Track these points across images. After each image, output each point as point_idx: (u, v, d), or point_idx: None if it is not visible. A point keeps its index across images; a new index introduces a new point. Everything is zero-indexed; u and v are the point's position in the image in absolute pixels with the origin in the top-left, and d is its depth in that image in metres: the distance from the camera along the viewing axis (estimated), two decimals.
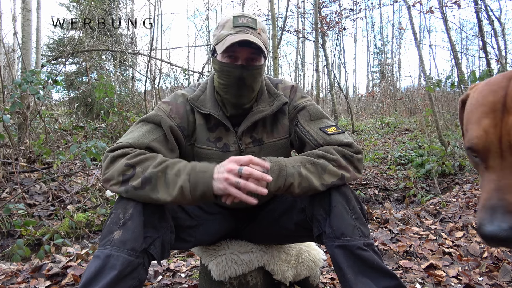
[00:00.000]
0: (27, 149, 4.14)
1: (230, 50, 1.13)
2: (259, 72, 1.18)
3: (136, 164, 1.01)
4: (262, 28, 1.18)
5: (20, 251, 2.16)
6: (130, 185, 0.99)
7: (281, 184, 1.02)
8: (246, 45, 1.11)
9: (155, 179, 0.98)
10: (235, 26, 1.14)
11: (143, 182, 0.98)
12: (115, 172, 1.01)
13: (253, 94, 1.21)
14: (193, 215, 1.25)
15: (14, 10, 8.94)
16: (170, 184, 0.98)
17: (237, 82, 1.16)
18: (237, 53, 1.14)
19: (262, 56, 1.16)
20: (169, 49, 16.83)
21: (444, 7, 5.96)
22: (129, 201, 1.00)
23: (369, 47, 22.17)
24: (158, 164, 1.01)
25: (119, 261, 0.91)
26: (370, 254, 1.00)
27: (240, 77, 1.15)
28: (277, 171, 1.02)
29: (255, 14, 8.25)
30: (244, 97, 1.19)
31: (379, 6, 16.76)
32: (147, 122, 1.17)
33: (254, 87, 1.19)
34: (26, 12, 4.78)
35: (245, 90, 1.17)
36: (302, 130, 1.20)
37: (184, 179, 0.98)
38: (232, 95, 1.18)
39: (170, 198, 0.98)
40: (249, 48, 1.12)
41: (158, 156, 1.04)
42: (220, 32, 1.16)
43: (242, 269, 1.33)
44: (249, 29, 1.13)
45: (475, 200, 3.28)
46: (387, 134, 9.14)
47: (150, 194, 0.98)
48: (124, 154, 1.03)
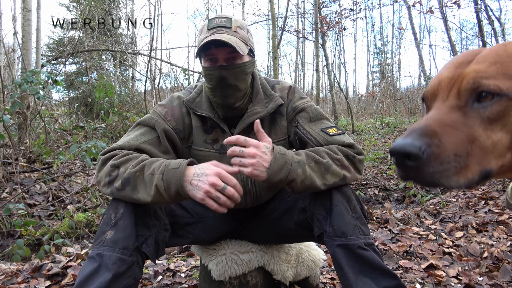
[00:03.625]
0: (27, 149, 4.13)
1: (209, 53, 1.14)
2: (242, 70, 1.16)
3: (120, 164, 1.01)
4: (239, 25, 1.17)
5: (20, 251, 2.16)
6: (114, 187, 1.00)
7: (283, 177, 1.01)
8: (221, 45, 1.10)
9: (133, 180, 0.98)
10: (209, 29, 1.14)
11: (123, 183, 0.98)
12: (103, 173, 1.03)
13: (240, 93, 1.19)
14: (192, 212, 1.26)
15: (14, 10, 8.95)
16: (147, 184, 0.98)
17: (219, 83, 1.15)
18: (215, 55, 1.14)
19: (244, 54, 1.13)
20: (169, 49, 16.84)
21: (444, 7, 5.97)
22: (120, 201, 1.01)
23: (369, 47, 22.20)
24: (136, 164, 1.00)
25: (112, 261, 0.92)
26: (371, 253, 1.00)
27: (221, 77, 1.14)
28: (282, 163, 1.01)
29: (255, 14, 8.23)
30: (229, 97, 1.18)
31: (379, 6, 16.77)
32: (142, 125, 1.18)
33: (239, 86, 1.17)
34: (26, 12, 4.77)
35: (229, 89, 1.16)
36: (303, 131, 1.20)
37: (158, 177, 0.97)
38: (218, 97, 1.18)
39: (150, 198, 0.97)
40: (226, 47, 1.12)
41: (140, 156, 1.04)
42: (199, 37, 1.17)
43: (242, 269, 1.33)
44: (223, 29, 1.13)
45: (475, 200, 3.28)
46: (387, 134, 9.14)
47: (131, 195, 0.98)
48: (112, 156, 1.05)
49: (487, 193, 3.42)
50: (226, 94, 1.17)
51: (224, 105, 1.20)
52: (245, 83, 1.20)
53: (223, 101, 1.19)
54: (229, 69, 1.14)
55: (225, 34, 1.10)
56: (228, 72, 1.14)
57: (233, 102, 1.19)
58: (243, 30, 1.18)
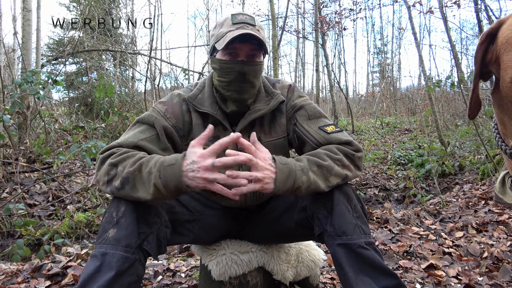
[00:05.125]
0: (27, 149, 4.14)
1: (231, 47, 1.14)
2: (260, 68, 1.19)
3: (118, 162, 1.01)
4: (260, 26, 1.19)
5: (20, 251, 2.16)
6: (113, 186, 0.99)
7: (289, 186, 1.01)
8: (247, 40, 1.11)
9: (132, 179, 0.98)
10: (234, 23, 1.14)
11: (122, 182, 0.98)
12: (102, 172, 1.02)
13: (254, 90, 1.22)
14: (193, 210, 1.26)
15: (14, 10, 8.94)
16: (146, 182, 0.98)
17: (238, 78, 1.16)
18: (237, 49, 1.15)
19: (261, 53, 1.18)
20: (169, 49, 16.83)
21: (444, 7, 5.96)
22: (121, 199, 1.01)
23: (369, 47, 22.21)
24: (134, 162, 1.00)
25: (115, 259, 0.92)
26: (371, 253, 1.00)
27: (242, 72, 1.15)
28: (287, 173, 1.00)
29: (254, 14, 8.24)
30: (245, 92, 1.19)
31: (379, 6, 16.76)
32: (142, 123, 1.18)
33: (255, 83, 1.20)
34: (26, 12, 4.77)
35: (246, 85, 1.18)
36: (301, 129, 1.20)
37: (155, 176, 0.97)
38: (234, 91, 1.19)
39: (150, 197, 0.97)
40: (249, 44, 1.13)
41: (137, 154, 1.04)
42: (219, 31, 1.17)
43: (242, 269, 1.33)
44: (248, 26, 1.14)
45: (475, 200, 3.28)
46: (387, 134, 9.14)
47: (131, 194, 0.98)
48: (111, 154, 1.05)
49: (487, 193, 3.43)
50: (242, 90, 1.18)
51: (238, 99, 1.20)
52: (259, 81, 1.23)
53: (238, 95, 1.19)
54: (250, 65, 1.16)
55: (252, 31, 1.11)
56: (249, 68, 1.16)
57: (247, 98, 1.21)
58: (263, 31, 1.21)
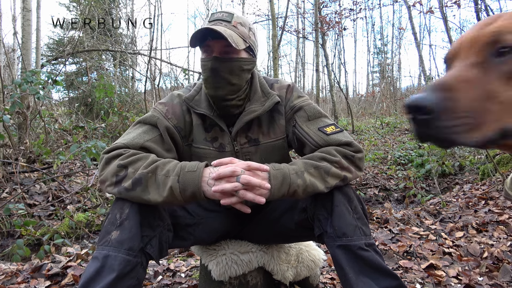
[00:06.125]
0: (27, 149, 4.13)
1: (205, 45, 1.15)
2: (237, 65, 1.16)
3: (128, 164, 1.01)
4: (241, 22, 1.17)
5: (20, 251, 2.16)
6: (122, 187, 0.99)
7: (284, 191, 1.01)
8: (217, 37, 1.10)
9: (145, 180, 0.98)
10: (210, 21, 1.16)
11: (133, 183, 0.98)
12: (109, 173, 1.01)
13: (233, 87, 1.18)
14: (193, 213, 1.25)
15: (14, 10, 8.94)
16: (160, 185, 0.98)
17: (211, 74, 1.16)
18: (211, 46, 1.15)
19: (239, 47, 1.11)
20: (169, 49, 16.83)
21: (444, 7, 5.96)
22: (125, 201, 1.00)
23: (369, 47, 22.21)
24: (148, 164, 1.00)
25: (117, 261, 0.91)
26: (372, 254, 1.00)
27: (213, 68, 1.15)
28: (281, 179, 1.01)
29: (255, 14, 8.22)
30: (219, 89, 1.17)
31: (379, 6, 16.77)
32: (144, 124, 1.17)
33: (231, 80, 1.16)
34: (26, 12, 4.77)
35: (220, 81, 1.16)
36: (301, 131, 1.20)
37: (173, 179, 0.97)
38: (210, 88, 1.18)
39: (161, 199, 0.97)
40: (222, 40, 1.11)
41: (150, 156, 1.04)
42: None
43: (242, 269, 1.33)
44: (221, 22, 1.13)
45: (475, 200, 3.28)
46: (387, 134, 9.14)
47: (141, 195, 0.98)
48: (118, 155, 1.04)
49: (487, 193, 3.43)
50: (216, 86, 1.17)
51: (214, 96, 1.19)
52: (240, 79, 1.19)
53: (213, 93, 1.18)
54: (222, 61, 1.14)
55: (222, 27, 1.11)
56: (221, 64, 1.14)
57: (224, 94, 1.18)
58: (244, 27, 1.18)
